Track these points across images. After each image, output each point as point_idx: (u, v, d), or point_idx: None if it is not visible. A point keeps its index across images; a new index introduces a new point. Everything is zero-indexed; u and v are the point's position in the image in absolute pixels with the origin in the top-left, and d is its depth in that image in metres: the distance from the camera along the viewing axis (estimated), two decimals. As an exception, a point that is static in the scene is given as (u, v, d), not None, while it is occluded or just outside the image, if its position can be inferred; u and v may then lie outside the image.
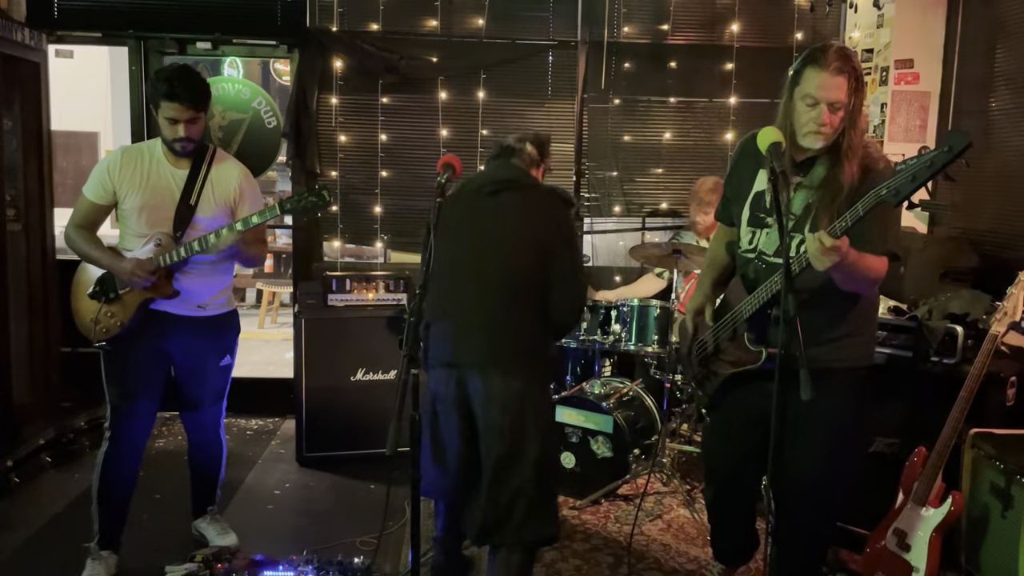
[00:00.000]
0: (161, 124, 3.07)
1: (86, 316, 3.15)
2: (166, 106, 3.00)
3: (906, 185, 2.11)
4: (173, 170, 3.13)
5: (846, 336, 2.61)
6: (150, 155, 3.14)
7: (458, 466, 2.72)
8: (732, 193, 2.81)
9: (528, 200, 2.78)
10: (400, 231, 5.14)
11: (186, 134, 3.04)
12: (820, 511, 2.73)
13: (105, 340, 3.13)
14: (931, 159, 2.08)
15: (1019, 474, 2.72)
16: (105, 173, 3.10)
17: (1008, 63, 3.96)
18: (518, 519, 2.66)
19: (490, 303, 2.68)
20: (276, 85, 8.17)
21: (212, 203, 3.16)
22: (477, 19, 5.00)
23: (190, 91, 3.00)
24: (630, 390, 4.29)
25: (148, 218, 3.10)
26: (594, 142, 5.19)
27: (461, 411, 2.70)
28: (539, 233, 2.70)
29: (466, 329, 2.69)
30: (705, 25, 5.15)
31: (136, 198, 3.10)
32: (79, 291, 3.18)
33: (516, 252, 2.70)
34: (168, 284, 3.12)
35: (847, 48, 2.51)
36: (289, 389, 4.60)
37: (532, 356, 2.74)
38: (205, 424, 3.43)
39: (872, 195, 2.19)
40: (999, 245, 3.94)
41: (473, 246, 2.73)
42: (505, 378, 2.65)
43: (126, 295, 3.12)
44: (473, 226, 2.76)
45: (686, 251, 4.08)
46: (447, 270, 2.70)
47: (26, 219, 4.71)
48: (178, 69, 3.06)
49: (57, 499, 3.94)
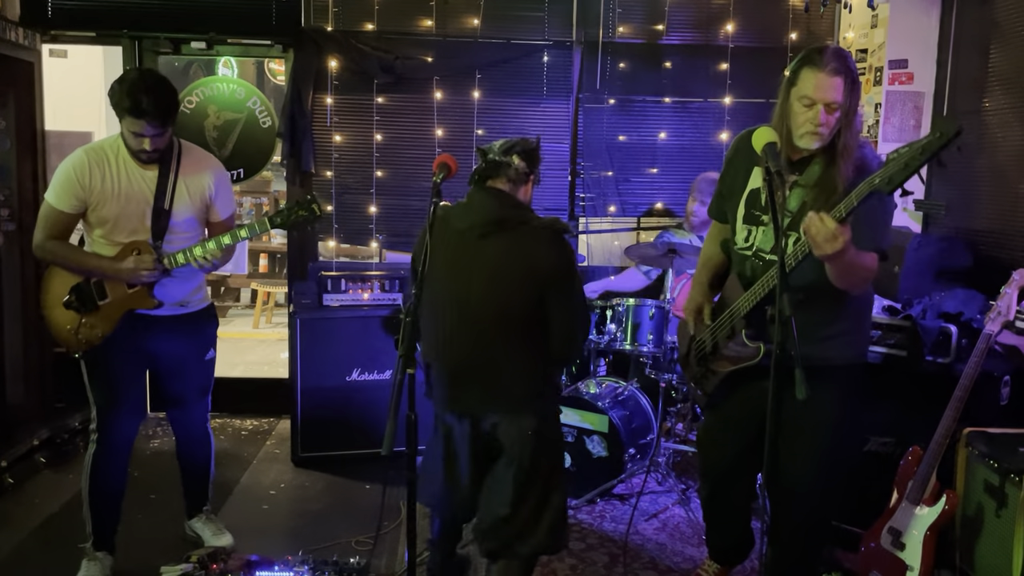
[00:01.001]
0: (125, 133, 2.93)
1: (63, 326, 3.04)
2: (131, 121, 2.84)
3: (899, 173, 2.14)
4: (143, 172, 3.01)
5: (839, 334, 2.63)
6: (115, 157, 2.99)
7: (470, 489, 2.75)
8: (727, 190, 2.82)
9: (520, 242, 2.63)
10: (395, 231, 5.13)
11: (152, 147, 2.92)
12: (814, 509, 2.74)
13: (85, 351, 3.07)
14: (923, 146, 2.11)
15: (1013, 473, 2.72)
16: (75, 181, 2.94)
17: (1002, 63, 3.97)
18: (530, 536, 2.70)
19: (489, 350, 2.64)
20: (271, 85, 8.14)
21: (188, 203, 3.07)
22: (472, 19, 5.00)
23: (158, 109, 2.82)
24: (625, 389, 4.29)
25: (123, 225, 3.01)
26: (589, 142, 5.19)
27: (475, 445, 2.73)
28: (534, 275, 2.61)
29: (467, 378, 2.68)
30: (700, 25, 5.15)
31: (110, 207, 2.98)
32: (50, 300, 3.06)
33: (512, 297, 2.62)
34: (151, 295, 3.06)
35: (843, 49, 2.52)
36: (284, 389, 4.59)
37: (537, 394, 2.73)
38: (193, 420, 3.41)
39: (866, 184, 2.22)
40: (993, 244, 3.95)
41: (467, 293, 2.63)
42: (515, 418, 2.67)
43: (106, 306, 3.03)
44: (465, 271, 2.64)
45: (681, 251, 4.08)
46: (442, 314, 2.66)
47: (20, 219, 4.70)
48: (146, 80, 2.86)
49: (52, 500, 3.93)
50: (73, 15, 4.88)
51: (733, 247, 2.76)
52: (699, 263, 3.01)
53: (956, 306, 3.43)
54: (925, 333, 3.32)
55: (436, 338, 2.69)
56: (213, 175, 3.15)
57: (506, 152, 2.69)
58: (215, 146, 5.08)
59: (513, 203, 2.70)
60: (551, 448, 2.77)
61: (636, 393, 4.31)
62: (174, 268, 3.02)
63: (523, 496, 2.68)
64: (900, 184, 2.15)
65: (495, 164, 2.69)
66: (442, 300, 2.65)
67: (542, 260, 2.62)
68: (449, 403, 2.72)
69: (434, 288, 2.58)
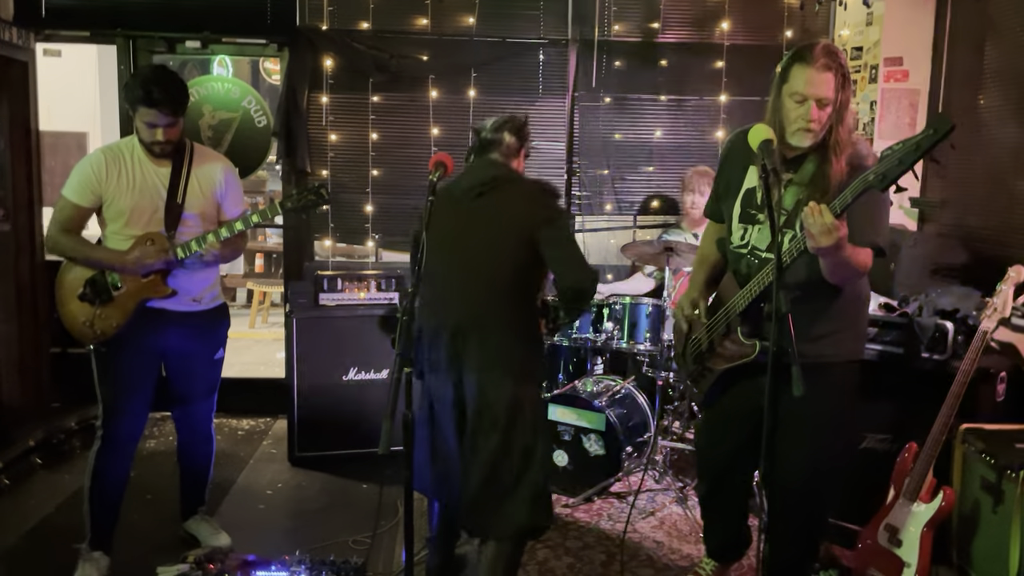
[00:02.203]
0: (138, 127, 3.05)
1: (78, 319, 3.11)
2: (144, 111, 2.97)
3: (893, 169, 2.16)
4: (156, 169, 3.11)
5: (835, 332, 2.63)
6: (131, 155, 3.11)
7: (456, 463, 2.78)
8: (723, 189, 2.82)
9: (511, 196, 2.81)
10: (391, 230, 5.12)
11: (164, 138, 3.03)
12: (811, 507, 2.74)
13: (100, 342, 3.10)
14: (916, 142, 2.13)
15: (1009, 469, 2.73)
16: (91, 176, 3.06)
17: (997, 60, 3.98)
18: (511, 509, 2.72)
19: (482, 305, 2.74)
20: (266, 84, 8.13)
21: (200, 198, 3.16)
22: (467, 17, 4.99)
23: (169, 97, 2.97)
24: (622, 388, 4.29)
25: (137, 219, 3.09)
26: (585, 140, 5.19)
27: (458, 410, 2.76)
28: (525, 226, 2.73)
29: (461, 332, 2.73)
30: (695, 23, 5.15)
31: (124, 200, 3.07)
32: (66, 293, 3.13)
33: (505, 251, 2.73)
34: (164, 283, 3.11)
35: (833, 45, 2.53)
36: (281, 389, 4.58)
37: (525, 355, 2.81)
38: (197, 419, 3.42)
39: (860, 180, 2.24)
40: (989, 241, 3.95)
41: (462, 250, 2.76)
42: (501, 377, 2.71)
43: (121, 296, 3.09)
44: (461, 230, 2.78)
45: (677, 248, 4.08)
46: (439, 274, 2.75)
47: (14, 219, 4.68)
48: (157, 73, 3.03)
49: (48, 500, 3.92)
50: (67, 14, 4.86)
51: (729, 246, 2.76)
52: (695, 261, 3.01)
53: (952, 303, 3.43)
54: (921, 330, 3.32)
55: (434, 297, 2.76)
56: (223, 171, 3.24)
57: (497, 129, 2.89)
58: (210, 145, 5.05)
59: (506, 167, 2.89)
60: (533, 417, 2.78)
61: (633, 391, 4.31)
62: (187, 257, 3.07)
63: (502, 464, 2.70)
64: (894, 180, 2.17)
65: (488, 141, 2.89)
66: (442, 260, 2.73)
67: (531, 206, 2.78)
68: (442, 360, 2.75)
69: (434, 254, 2.65)
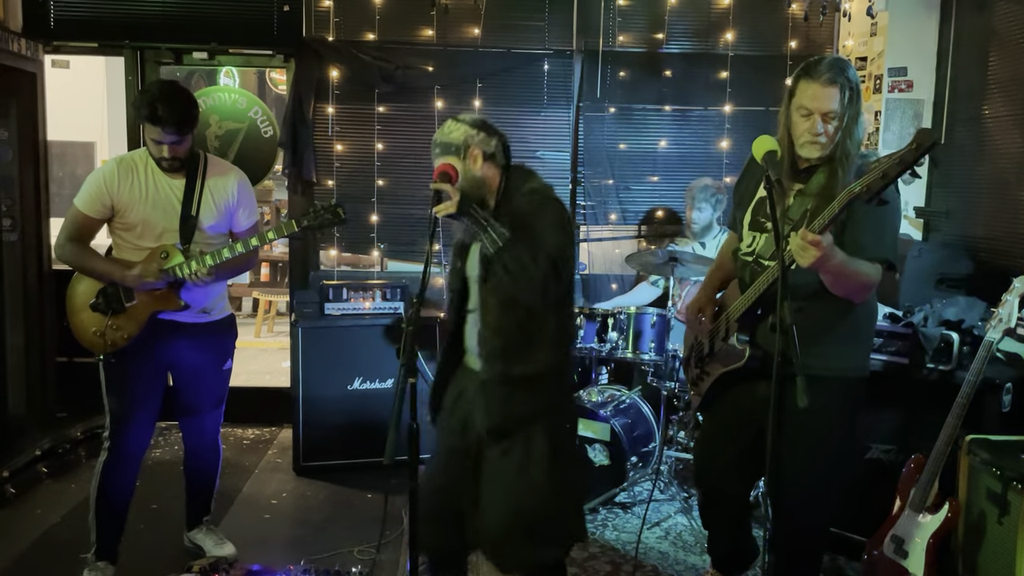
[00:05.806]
0: (147, 140, 3.06)
1: (88, 329, 3.09)
2: (150, 128, 2.98)
3: (877, 182, 2.21)
4: (170, 181, 3.11)
5: (837, 344, 2.63)
6: (145, 166, 3.11)
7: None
8: (738, 199, 2.87)
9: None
10: (397, 240, 5.14)
11: (171, 155, 3.03)
12: (812, 517, 2.74)
13: (109, 353, 3.10)
14: (900, 156, 2.18)
15: (1015, 480, 2.72)
16: (103, 186, 3.05)
17: (1001, 70, 3.98)
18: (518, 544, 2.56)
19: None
20: (272, 95, 8.17)
21: (213, 211, 3.16)
22: (473, 28, 5.02)
23: (174, 117, 2.95)
24: (627, 398, 4.29)
25: (150, 231, 3.09)
26: (590, 150, 5.19)
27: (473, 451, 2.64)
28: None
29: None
30: (700, 34, 5.17)
31: (137, 212, 3.07)
32: (77, 303, 3.11)
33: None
34: (178, 296, 3.11)
35: (842, 59, 2.56)
36: (286, 398, 4.58)
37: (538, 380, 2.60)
38: (205, 430, 3.42)
39: (846, 192, 2.29)
40: (994, 252, 3.95)
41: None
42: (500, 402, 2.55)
43: (133, 308, 3.08)
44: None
45: (682, 258, 4.09)
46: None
47: (22, 229, 4.71)
48: (164, 90, 3.00)
49: (53, 510, 3.92)
50: (75, 26, 4.90)
51: (737, 253, 2.79)
52: (711, 268, 3.09)
53: (957, 313, 3.43)
54: (926, 340, 3.32)
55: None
56: (236, 183, 3.24)
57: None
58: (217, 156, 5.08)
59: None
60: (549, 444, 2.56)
61: (638, 401, 4.31)
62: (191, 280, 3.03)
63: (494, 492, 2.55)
64: (878, 193, 2.22)
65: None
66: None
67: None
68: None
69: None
